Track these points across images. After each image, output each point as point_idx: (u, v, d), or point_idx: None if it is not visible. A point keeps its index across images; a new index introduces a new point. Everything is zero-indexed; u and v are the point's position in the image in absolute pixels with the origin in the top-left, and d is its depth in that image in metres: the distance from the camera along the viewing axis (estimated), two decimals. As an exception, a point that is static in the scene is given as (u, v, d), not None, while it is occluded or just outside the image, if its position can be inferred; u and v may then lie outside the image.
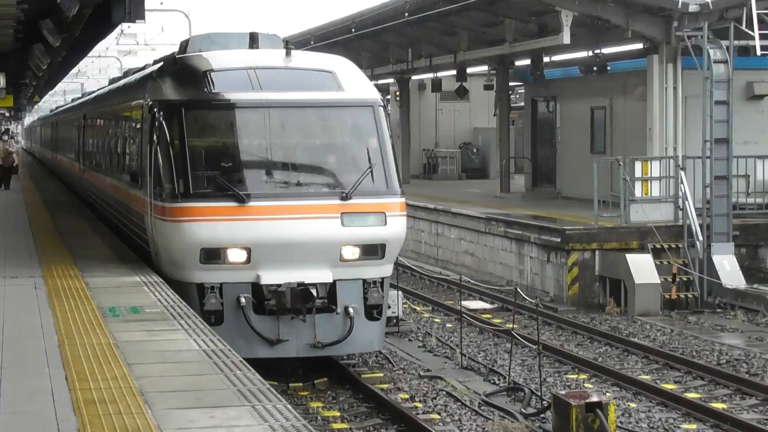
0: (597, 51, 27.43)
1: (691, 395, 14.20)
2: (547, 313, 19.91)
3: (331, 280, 13.28)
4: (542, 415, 12.97)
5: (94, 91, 32.54)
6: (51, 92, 61.32)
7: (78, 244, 16.57)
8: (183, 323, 10.11)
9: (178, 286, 12.96)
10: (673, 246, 21.17)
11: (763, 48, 22.05)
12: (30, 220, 20.99)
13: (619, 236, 21.29)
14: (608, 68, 27.08)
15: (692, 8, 22.07)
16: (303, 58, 14.53)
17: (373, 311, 13.64)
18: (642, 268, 20.27)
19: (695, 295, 20.86)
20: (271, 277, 13.07)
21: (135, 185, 15.59)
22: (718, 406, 13.65)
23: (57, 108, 54.45)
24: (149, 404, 7.19)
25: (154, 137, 13.86)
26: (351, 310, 13.37)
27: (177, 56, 15.02)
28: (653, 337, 18.17)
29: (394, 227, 13.58)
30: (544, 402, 13.30)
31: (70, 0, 13.37)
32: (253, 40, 14.89)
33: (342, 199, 13.30)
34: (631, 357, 16.75)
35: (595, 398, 11.96)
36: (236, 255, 13.05)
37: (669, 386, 14.71)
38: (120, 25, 19.74)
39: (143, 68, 20.09)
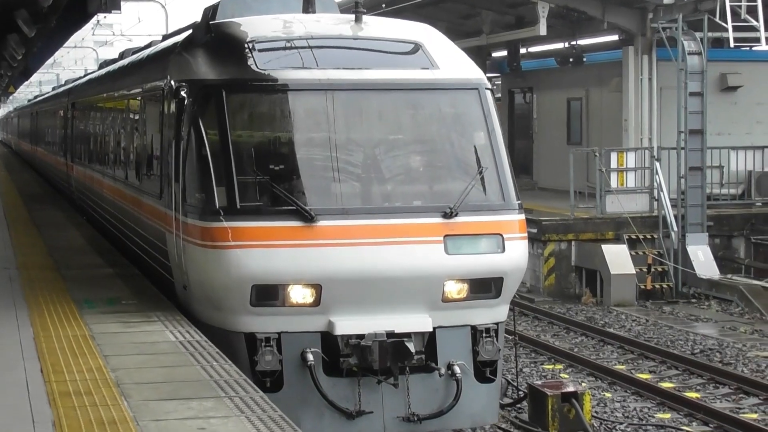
0: (573, 42, 27.60)
1: (666, 384, 14.31)
2: (524, 304, 20.00)
3: (431, 329, 9.70)
4: (518, 405, 13.05)
5: (82, 76, 29.43)
6: (26, 83, 60.99)
7: (54, 236, 16.49)
8: (159, 315, 10.11)
9: (218, 334, 9.64)
10: (649, 236, 21.30)
11: (736, 40, 22.22)
12: (5, 211, 20.88)
13: (595, 227, 21.40)
14: (584, 60, 27.23)
15: (667, 0, 22.21)
16: (379, 26, 11.01)
17: (485, 369, 10.00)
18: (617, 258, 20.38)
19: (670, 285, 21.00)
20: (348, 324, 9.53)
21: (151, 193, 12.13)
22: (692, 395, 13.76)
23: (37, 96, 53.72)
24: (125, 396, 7.19)
25: (183, 131, 10.38)
26: (457, 368, 9.74)
27: (211, 23, 11.32)
28: (628, 327, 18.28)
29: (514, 254, 9.89)
30: (521, 392, 13.38)
31: (45, -10, 13.25)
32: (309, 2, 11.48)
33: (445, 216, 9.68)
34: (606, 347, 16.86)
35: (570, 388, 12.07)
36: (300, 294, 9.53)
37: (644, 376, 14.82)
38: (96, 16, 19.59)
39: (148, 45, 16.62)
